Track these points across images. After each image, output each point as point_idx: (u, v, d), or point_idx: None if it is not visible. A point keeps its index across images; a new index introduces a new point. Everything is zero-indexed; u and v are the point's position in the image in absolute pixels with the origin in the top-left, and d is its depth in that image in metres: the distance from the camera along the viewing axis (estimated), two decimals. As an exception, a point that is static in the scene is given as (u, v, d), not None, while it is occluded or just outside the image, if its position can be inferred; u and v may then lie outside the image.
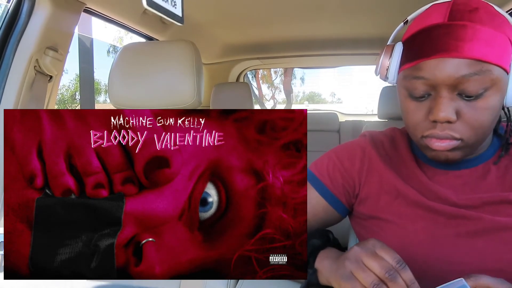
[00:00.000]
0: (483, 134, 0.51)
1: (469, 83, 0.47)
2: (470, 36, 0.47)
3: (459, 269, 0.51)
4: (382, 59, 0.57)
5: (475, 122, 0.49)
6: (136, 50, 0.84)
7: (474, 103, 0.49)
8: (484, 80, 0.47)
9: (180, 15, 0.57)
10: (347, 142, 0.67)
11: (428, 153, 0.54)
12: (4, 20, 0.89)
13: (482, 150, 0.57)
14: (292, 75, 11.33)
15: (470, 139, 0.50)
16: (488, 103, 0.48)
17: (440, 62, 0.48)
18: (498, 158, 0.56)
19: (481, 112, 0.49)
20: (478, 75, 0.47)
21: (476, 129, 0.49)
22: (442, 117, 0.49)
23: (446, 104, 0.48)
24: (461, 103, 0.49)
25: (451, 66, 0.48)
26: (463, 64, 0.47)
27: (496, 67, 0.48)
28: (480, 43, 0.47)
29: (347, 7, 1.27)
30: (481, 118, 0.49)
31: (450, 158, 0.52)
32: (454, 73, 0.47)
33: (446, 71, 0.48)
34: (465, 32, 0.48)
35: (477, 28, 0.48)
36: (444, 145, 0.51)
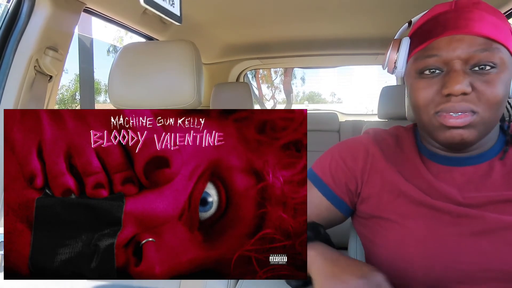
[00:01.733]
0: (496, 110, 0.51)
1: (480, 57, 0.50)
2: (478, 17, 0.51)
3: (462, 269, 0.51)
4: (390, 53, 0.59)
5: (489, 94, 0.50)
6: (136, 50, 0.84)
7: (486, 77, 0.50)
8: (494, 56, 0.50)
9: (178, 14, 0.57)
10: (350, 139, 0.67)
11: (441, 134, 0.53)
12: (4, 20, 0.89)
13: (487, 147, 0.57)
14: (292, 75, 11.32)
15: (485, 113, 0.51)
16: (499, 77, 0.50)
17: (452, 38, 0.51)
18: (504, 153, 0.56)
19: (494, 85, 0.50)
20: (488, 51, 0.50)
21: (490, 102, 0.50)
22: (457, 89, 0.49)
23: (460, 77, 0.50)
24: (474, 77, 0.50)
25: (463, 42, 0.50)
26: (474, 40, 0.50)
27: (503, 48, 0.51)
28: (488, 24, 0.51)
29: (347, 7, 1.27)
30: (494, 91, 0.50)
31: (465, 137, 0.51)
32: (466, 48, 0.50)
33: (459, 46, 0.50)
34: (473, 14, 0.51)
35: (483, 13, 0.52)
36: (460, 121, 0.50)
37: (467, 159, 0.57)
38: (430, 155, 0.60)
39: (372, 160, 0.61)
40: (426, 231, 0.54)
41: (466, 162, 0.57)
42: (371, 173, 0.61)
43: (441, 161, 0.59)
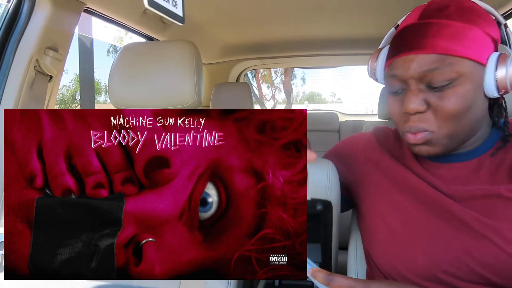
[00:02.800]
0: (456, 124, 0.52)
1: (433, 76, 0.51)
2: (434, 33, 0.51)
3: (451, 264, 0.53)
4: (370, 63, 0.63)
5: (443, 111, 0.51)
6: (136, 50, 0.84)
7: (441, 94, 0.51)
8: (448, 72, 0.50)
9: (181, 15, 0.57)
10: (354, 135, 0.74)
11: (412, 149, 0.57)
12: (4, 20, 0.89)
13: (477, 144, 0.57)
14: (292, 75, 11.33)
15: (441, 129, 0.52)
16: (456, 92, 0.51)
17: (406, 59, 0.53)
18: (496, 149, 0.56)
19: (449, 101, 0.51)
20: (440, 69, 0.50)
21: (446, 119, 0.51)
22: (411, 108, 0.52)
23: (414, 96, 0.52)
24: (429, 94, 0.52)
25: (415, 62, 0.52)
26: (425, 59, 0.51)
27: (462, 59, 0.50)
28: (444, 38, 0.50)
29: (347, 7, 1.27)
30: (450, 106, 0.51)
31: (431, 152, 0.54)
32: (418, 68, 0.51)
33: (411, 66, 0.52)
34: (429, 29, 0.52)
35: (443, 24, 0.51)
36: (417, 138, 0.53)
37: (457, 156, 0.58)
38: None
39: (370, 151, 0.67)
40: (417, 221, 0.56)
41: (457, 158, 0.58)
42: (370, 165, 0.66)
43: (431, 158, 0.60)
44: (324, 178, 0.59)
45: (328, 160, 0.60)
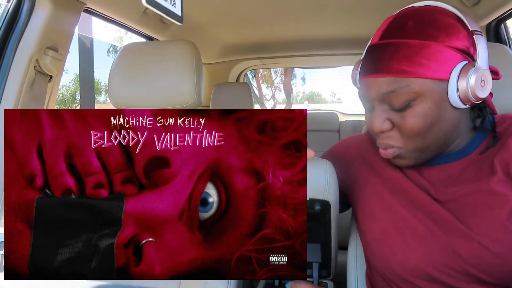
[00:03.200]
0: (422, 139, 0.53)
1: (391, 98, 0.52)
2: (390, 55, 0.51)
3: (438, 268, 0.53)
4: (352, 73, 0.64)
5: (407, 129, 0.53)
6: (136, 50, 0.84)
7: (403, 114, 0.53)
8: (404, 94, 0.51)
9: (179, 14, 0.57)
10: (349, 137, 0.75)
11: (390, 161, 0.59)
12: (4, 20, 0.89)
13: (463, 144, 0.58)
14: (292, 75, 11.33)
15: (408, 145, 0.54)
16: (415, 111, 0.52)
17: (366, 82, 0.55)
18: (485, 148, 0.56)
19: (410, 120, 0.52)
20: (396, 91, 0.51)
21: (410, 136, 0.53)
22: (376, 127, 0.55)
23: (377, 116, 0.54)
24: (392, 114, 0.54)
25: (373, 85, 0.53)
26: (383, 82, 0.52)
27: (419, 79, 0.50)
28: (399, 60, 0.50)
29: (347, 7, 1.27)
30: (412, 125, 0.52)
31: (405, 164, 0.57)
32: (376, 91, 0.53)
33: (372, 89, 0.54)
34: (386, 51, 0.52)
35: (400, 44, 0.51)
36: (387, 153, 0.56)
37: (446, 156, 0.58)
38: None
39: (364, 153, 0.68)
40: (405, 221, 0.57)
41: (446, 159, 0.59)
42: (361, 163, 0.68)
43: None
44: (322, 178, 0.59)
45: (326, 160, 0.61)
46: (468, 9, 1.16)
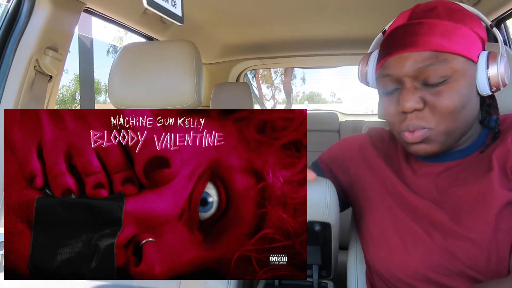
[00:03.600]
0: (453, 120, 0.52)
1: (428, 73, 0.51)
2: (425, 31, 0.52)
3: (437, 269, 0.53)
4: (361, 67, 0.63)
5: (441, 107, 0.51)
6: (136, 50, 0.84)
7: (437, 90, 0.51)
8: (442, 69, 0.50)
9: (180, 14, 0.57)
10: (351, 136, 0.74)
11: (408, 148, 0.56)
12: (4, 20, 0.89)
13: (467, 143, 0.58)
14: (292, 75, 11.33)
15: (439, 126, 0.52)
16: (451, 88, 0.51)
17: (399, 57, 0.53)
18: (485, 146, 0.56)
19: (446, 97, 0.51)
20: (434, 65, 0.50)
21: (443, 114, 0.52)
22: (408, 106, 0.52)
23: (410, 94, 0.52)
24: (425, 91, 0.52)
25: (409, 60, 0.52)
26: (419, 56, 0.51)
27: (456, 56, 0.51)
28: (436, 36, 0.51)
29: (347, 7, 1.27)
30: (447, 103, 0.51)
31: (428, 151, 0.54)
32: (412, 66, 0.51)
33: (405, 65, 0.52)
34: (420, 28, 0.52)
35: (433, 23, 0.52)
36: (415, 136, 0.53)
37: (449, 154, 0.58)
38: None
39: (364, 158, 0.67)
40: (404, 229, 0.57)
41: (447, 157, 0.58)
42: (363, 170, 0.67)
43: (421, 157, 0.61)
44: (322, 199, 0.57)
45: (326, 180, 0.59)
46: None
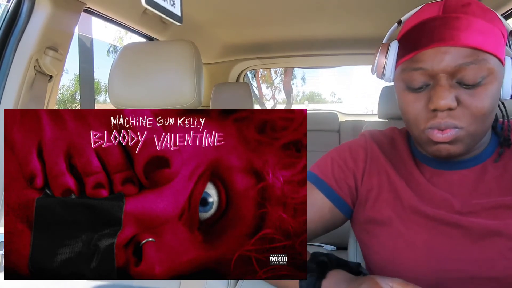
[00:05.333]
0: (483, 123, 0.50)
1: (466, 72, 0.48)
2: (465, 26, 0.49)
3: (455, 277, 0.51)
4: (378, 58, 0.58)
5: (475, 108, 0.49)
6: (136, 50, 0.84)
7: (473, 91, 0.49)
8: (481, 68, 0.48)
9: (179, 14, 0.57)
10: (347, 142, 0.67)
11: (429, 148, 0.53)
12: (4, 20, 0.89)
13: (480, 150, 0.56)
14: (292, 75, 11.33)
15: (470, 127, 0.50)
16: (487, 90, 0.49)
17: (437, 51, 0.49)
18: (498, 155, 0.55)
19: (481, 99, 0.49)
20: (474, 64, 0.48)
21: (476, 116, 0.49)
22: (443, 104, 0.48)
23: (446, 91, 0.48)
24: (460, 91, 0.49)
25: (448, 55, 0.48)
26: (460, 52, 0.48)
27: (492, 57, 0.49)
28: (475, 32, 0.48)
29: (347, 7, 1.27)
30: (481, 104, 0.49)
31: (452, 152, 0.51)
32: (452, 62, 0.48)
33: (444, 59, 0.49)
34: (460, 22, 0.49)
35: (471, 20, 0.49)
36: (446, 136, 0.50)
37: (460, 162, 0.57)
38: (423, 159, 0.60)
39: (371, 161, 0.61)
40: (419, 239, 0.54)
41: (460, 165, 0.57)
42: (371, 174, 0.61)
43: (434, 164, 0.58)
44: None
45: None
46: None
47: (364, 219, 0.61)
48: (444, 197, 0.54)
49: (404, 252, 0.54)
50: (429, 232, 0.53)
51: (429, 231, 0.53)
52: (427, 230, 0.54)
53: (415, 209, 0.55)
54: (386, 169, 0.60)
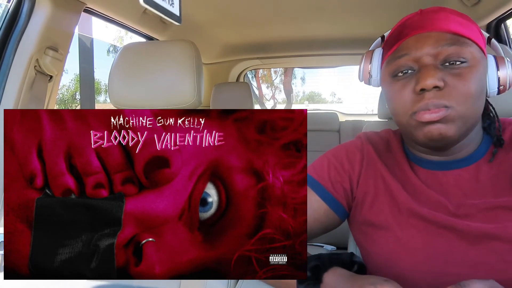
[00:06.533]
0: (472, 105, 0.51)
1: (449, 52, 0.51)
2: (444, 18, 0.53)
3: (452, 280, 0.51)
4: (363, 65, 0.61)
5: (461, 88, 0.50)
6: (136, 50, 0.84)
7: (458, 71, 0.51)
8: (463, 50, 0.51)
9: (177, 14, 0.57)
10: (344, 143, 0.67)
11: (420, 132, 0.52)
12: (4, 20, 0.89)
13: (472, 149, 0.57)
14: (292, 75, 11.34)
15: (460, 107, 0.50)
16: (472, 72, 0.51)
17: (419, 37, 0.53)
18: (492, 155, 0.55)
19: (467, 79, 0.50)
20: (456, 45, 0.51)
21: (463, 96, 0.50)
22: (429, 83, 0.49)
23: (431, 71, 0.50)
24: (445, 72, 0.51)
25: (430, 39, 0.52)
26: (441, 36, 0.51)
27: (472, 43, 0.52)
28: (454, 23, 0.52)
29: (347, 7, 1.27)
30: (467, 84, 0.50)
31: (443, 132, 0.50)
32: (434, 44, 0.51)
33: (426, 42, 0.52)
34: (438, 15, 0.53)
35: (449, 15, 0.53)
36: (435, 115, 0.50)
37: (453, 162, 0.56)
38: (417, 160, 0.59)
39: (368, 163, 0.61)
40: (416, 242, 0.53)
41: (453, 165, 0.56)
42: (367, 176, 0.61)
43: (427, 165, 0.58)
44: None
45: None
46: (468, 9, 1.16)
47: (361, 221, 0.60)
48: (439, 199, 0.54)
49: (401, 255, 0.54)
50: (426, 235, 0.53)
51: (426, 234, 0.53)
52: (424, 233, 0.53)
53: (411, 212, 0.55)
54: (381, 171, 0.60)
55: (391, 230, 0.56)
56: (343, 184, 0.61)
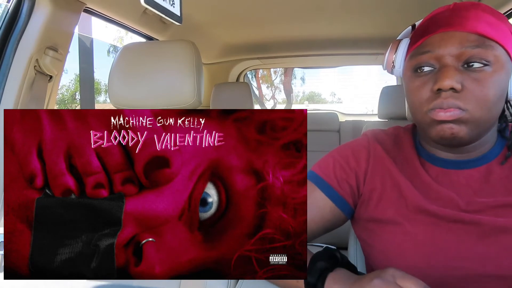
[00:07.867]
0: (488, 111, 0.51)
1: (472, 54, 0.50)
2: (474, 16, 0.51)
3: (460, 275, 0.51)
4: (389, 53, 0.61)
5: (479, 93, 0.50)
6: (136, 50, 0.84)
7: (478, 75, 0.50)
8: (487, 53, 0.50)
9: (178, 14, 0.57)
10: (349, 141, 0.67)
11: (433, 130, 0.53)
12: (4, 20, 0.89)
13: (485, 150, 0.57)
14: (292, 75, 11.34)
15: (474, 111, 0.50)
16: (492, 77, 0.50)
17: (444, 35, 0.52)
18: (505, 158, 0.55)
19: (486, 85, 0.50)
20: (480, 47, 0.50)
21: (480, 101, 0.50)
22: (446, 84, 0.49)
23: (450, 72, 0.50)
24: (465, 75, 0.50)
25: (455, 39, 0.51)
26: (466, 37, 0.50)
27: (499, 46, 0.51)
28: (483, 23, 0.51)
29: (347, 7, 1.27)
30: (485, 90, 0.50)
31: (455, 132, 0.51)
32: (457, 45, 0.50)
33: (450, 42, 0.51)
34: (468, 13, 0.52)
35: (480, 13, 0.52)
36: (448, 114, 0.50)
37: (465, 162, 0.57)
38: (428, 157, 0.59)
39: (374, 161, 0.61)
40: (425, 237, 0.53)
41: (465, 165, 0.57)
42: (373, 174, 0.61)
43: (439, 163, 0.58)
44: None
45: None
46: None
47: (367, 218, 0.60)
48: (450, 195, 0.54)
49: (409, 250, 0.54)
50: (434, 230, 0.53)
51: (434, 229, 0.53)
52: (432, 228, 0.53)
53: (420, 208, 0.55)
54: (389, 168, 0.60)
55: (399, 225, 0.56)
56: (349, 182, 0.61)
